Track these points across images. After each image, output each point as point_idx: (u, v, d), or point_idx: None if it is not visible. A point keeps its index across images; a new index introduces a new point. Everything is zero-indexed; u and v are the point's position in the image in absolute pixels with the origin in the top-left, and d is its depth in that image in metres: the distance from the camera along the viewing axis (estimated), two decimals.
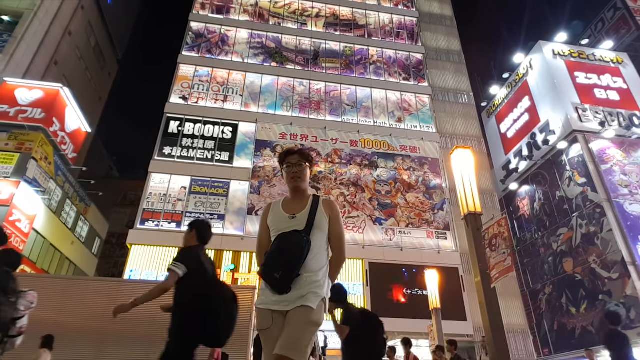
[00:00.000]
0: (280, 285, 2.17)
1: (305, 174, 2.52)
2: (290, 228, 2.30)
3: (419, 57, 24.76)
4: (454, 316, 16.09)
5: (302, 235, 2.25)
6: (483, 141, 23.67)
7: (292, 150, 2.58)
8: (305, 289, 2.18)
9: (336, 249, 2.43)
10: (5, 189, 15.33)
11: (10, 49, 18.34)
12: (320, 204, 2.44)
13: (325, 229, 2.39)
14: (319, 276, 2.25)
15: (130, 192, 32.50)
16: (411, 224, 18.99)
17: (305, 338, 2.11)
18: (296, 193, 2.52)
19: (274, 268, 2.19)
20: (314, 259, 2.25)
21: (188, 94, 20.67)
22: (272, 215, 2.46)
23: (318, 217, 2.37)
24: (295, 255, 2.19)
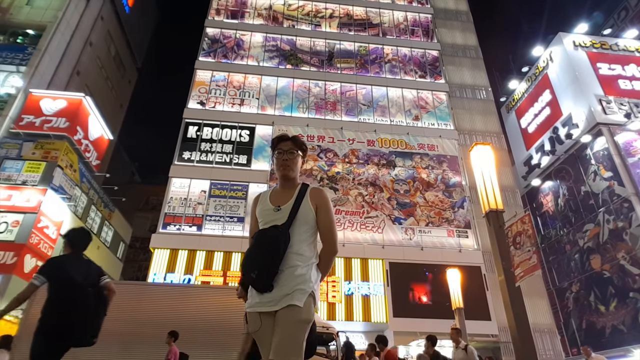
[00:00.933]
0: (259, 284, 2.11)
1: (296, 162, 2.39)
2: (273, 222, 2.21)
3: (434, 54, 24.48)
4: (478, 316, 15.82)
5: (280, 229, 2.16)
6: (503, 137, 23.21)
7: (285, 137, 2.44)
8: (289, 285, 2.09)
9: (325, 240, 2.30)
10: (33, 196, 15.85)
11: (34, 61, 18.96)
12: (308, 193, 2.31)
13: (311, 221, 2.26)
14: (302, 270, 2.15)
15: (152, 197, 33.14)
16: (431, 223, 18.76)
17: (298, 338, 2.05)
18: (285, 182, 2.38)
19: (250, 268, 2.13)
20: (295, 253, 2.15)
21: (205, 99, 20.97)
22: (260, 206, 2.35)
23: (303, 208, 2.25)
24: (270, 252, 2.10)
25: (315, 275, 2.22)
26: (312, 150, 19.92)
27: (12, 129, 17.33)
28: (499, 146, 21.87)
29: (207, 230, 17.53)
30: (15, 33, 20.47)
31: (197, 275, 16.43)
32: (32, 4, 21.06)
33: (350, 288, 16.82)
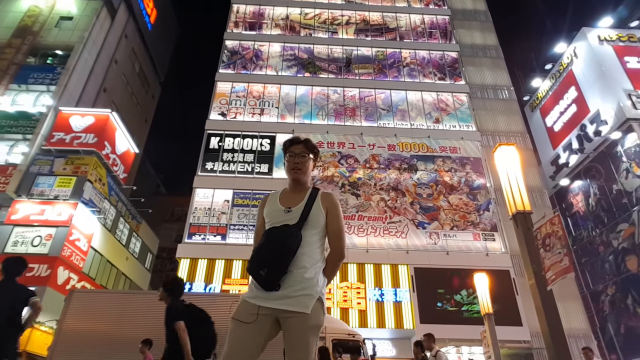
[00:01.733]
0: (267, 282, 2.08)
1: (307, 166, 2.37)
2: (283, 222, 2.19)
3: (453, 55, 24.21)
4: (508, 321, 15.36)
5: (292, 229, 2.15)
6: (528, 137, 22.65)
7: (297, 140, 2.41)
8: (296, 287, 2.08)
9: (333, 245, 2.29)
10: (64, 210, 16.45)
11: (63, 81, 19.77)
12: (319, 197, 2.31)
13: (321, 224, 2.25)
14: (311, 273, 2.13)
15: (177, 207, 33.83)
16: (456, 227, 18.42)
17: (310, 345, 2.04)
18: (296, 185, 2.37)
19: (260, 265, 2.09)
20: (305, 254, 2.14)
21: (226, 110, 21.34)
22: (269, 206, 2.33)
23: (314, 211, 2.24)
24: (282, 251, 2.09)
25: (322, 279, 2.21)
26: (332, 157, 19.95)
27: (44, 146, 18.09)
28: (524, 146, 21.35)
29: (231, 239, 17.73)
30: (45, 54, 21.45)
31: (222, 284, 16.60)
32: (60, 25, 22.04)
33: (376, 294, 16.65)
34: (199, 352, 4.09)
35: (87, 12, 22.49)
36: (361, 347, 10.36)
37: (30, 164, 17.40)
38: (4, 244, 15.49)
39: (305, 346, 2.03)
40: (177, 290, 4.45)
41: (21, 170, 17.09)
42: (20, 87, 19.68)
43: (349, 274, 17.07)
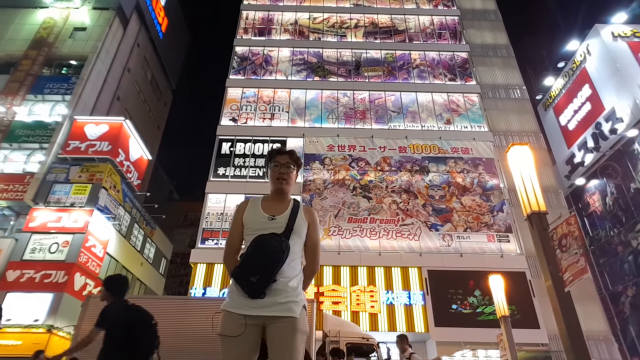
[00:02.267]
0: (256, 289, 2.07)
1: (291, 176, 2.41)
2: (268, 230, 2.18)
3: (463, 55, 24.05)
4: (526, 324, 15.11)
5: (282, 239, 2.16)
6: (541, 136, 22.32)
7: (282, 150, 2.45)
8: (281, 295, 2.09)
9: (311, 257, 2.34)
10: (80, 217, 16.73)
11: (78, 90, 20.18)
12: (301, 209, 2.35)
13: (304, 235, 2.30)
14: (294, 283, 2.17)
15: (190, 213, 34.15)
16: (469, 228, 18.22)
17: (300, 349, 2.06)
18: (278, 195, 2.39)
19: (251, 271, 2.08)
20: (291, 264, 2.17)
21: (237, 115, 21.51)
22: (249, 213, 2.32)
23: (298, 222, 2.27)
24: (274, 259, 2.09)
25: (302, 291, 2.25)
26: (343, 160, 19.94)
27: (60, 154, 18.45)
28: (537, 146, 21.05)
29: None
30: (60, 65, 21.93)
31: None
32: (74, 36, 22.53)
33: (389, 297, 16.54)
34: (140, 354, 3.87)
35: (100, 23, 22.95)
36: (376, 350, 10.29)
37: (47, 172, 17.76)
38: (22, 251, 15.81)
39: (294, 349, 2.04)
40: (119, 289, 4.14)
41: (38, 179, 17.45)
42: (36, 97, 20.14)
43: (359, 277, 16.99)
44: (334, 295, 16.53)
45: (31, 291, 14.91)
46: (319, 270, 2.38)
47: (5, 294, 14.76)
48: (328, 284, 16.79)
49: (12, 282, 15.03)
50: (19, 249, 15.87)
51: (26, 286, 14.94)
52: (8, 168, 18.15)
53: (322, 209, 18.56)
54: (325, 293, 16.52)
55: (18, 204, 17.18)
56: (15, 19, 22.78)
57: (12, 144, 18.75)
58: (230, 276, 2.19)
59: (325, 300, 16.31)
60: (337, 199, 18.87)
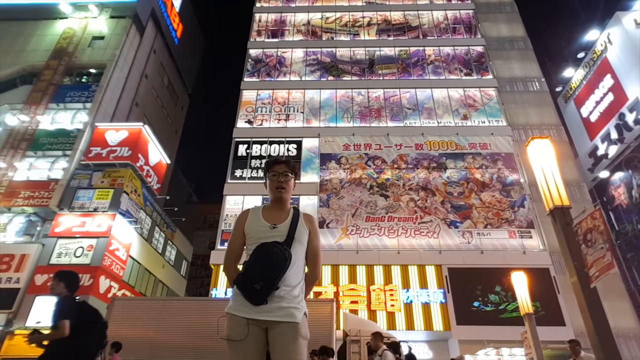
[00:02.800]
0: (259, 296, 2.11)
1: (290, 185, 2.45)
2: (270, 238, 2.23)
3: (479, 49, 23.67)
4: (550, 321, 14.78)
5: (284, 247, 2.20)
6: (562, 129, 21.79)
7: (279, 160, 2.49)
8: (283, 302, 2.14)
9: (312, 264, 2.38)
10: (104, 222, 17.14)
11: (98, 97, 20.69)
12: (301, 217, 2.39)
13: (305, 243, 2.34)
14: (297, 291, 2.21)
15: (209, 215, 34.59)
16: (490, 225, 17.93)
17: (303, 354, 2.10)
18: (278, 203, 2.44)
19: (255, 279, 2.12)
20: (293, 272, 2.21)
21: (253, 118, 21.68)
22: (251, 222, 2.36)
23: (299, 229, 2.31)
24: (278, 267, 2.13)
25: (303, 299, 2.28)
26: (359, 159, 19.87)
27: (83, 161, 18.95)
28: (558, 139, 20.57)
29: None
30: (80, 73, 22.52)
31: None
32: (93, 45, 23.10)
33: (409, 296, 16.41)
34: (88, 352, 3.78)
35: (117, 31, 23.48)
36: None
37: (70, 179, 18.25)
38: (49, 256, 16.30)
39: (296, 354, 2.08)
40: (74, 284, 4.00)
41: (62, 185, 17.95)
42: (58, 106, 20.74)
43: (375, 275, 16.91)
44: (353, 294, 16.50)
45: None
46: (321, 276, 2.38)
47: (34, 297, 15.24)
48: (345, 283, 16.76)
49: (40, 286, 15.51)
50: (45, 254, 16.37)
51: None
52: (33, 175, 18.74)
53: (340, 208, 18.55)
54: (344, 292, 16.51)
55: (44, 210, 17.72)
56: (37, 30, 23.50)
57: (36, 152, 19.36)
58: (232, 284, 2.23)
59: (343, 300, 16.29)
60: (354, 198, 18.82)
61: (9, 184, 18.05)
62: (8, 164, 18.62)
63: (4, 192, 17.79)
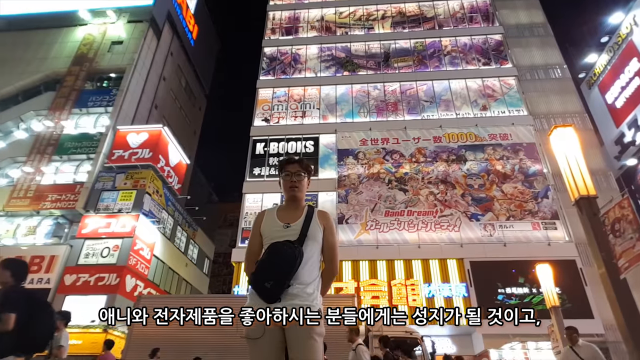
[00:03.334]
0: (270, 295, 2.15)
1: (303, 184, 2.49)
2: (283, 237, 2.26)
3: (497, 38, 23.13)
4: (578, 314, 14.42)
5: (295, 245, 2.22)
6: (586, 116, 21.14)
7: (292, 159, 2.53)
8: (297, 300, 2.16)
9: (329, 260, 2.39)
10: (128, 222, 17.57)
11: (119, 101, 21.16)
12: (315, 214, 2.41)
13: (319, 240, 2.34)
14: (311, 288, 2.22)
15: (229, 214, 35.04)
16: (512, 217, 17.58)
17: (317, 350, 2.12)
18: (292, 202, 2.47)
19: (265, 277, 2.16)
20: (305, 270, 2.22)
21: (269, 116, 21.79)
22: (266, 223, 2.40)
23: (312, 227, 2.33)
24: (287, 265, 2.16)
25: (319, 296, 2.29)
26: (377, 154, 19.76)
27: (106, 163, 19.44)
28: (582, 127, 19.97)
29: None
30: (101, 78, 23.08)
31: None
32: (112, 50, 23.62)
33: (431, 290, 16.27)
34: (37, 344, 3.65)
35: (135, 35, 23.92)
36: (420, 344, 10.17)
37: (95, 181, 18.76)
38: (77, 256, 16.82)
39: (311, 350, 2.11)
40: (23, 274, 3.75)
41: (87, 188, 18.47)
42: (81, 111, 21.32)
43: (396, 270, 16.81)
44: (374, 289, 16.46)
45: (87, 294, 15.84)
46: (338, 272, 2.41)
47: (64, 297, 15.77)
48: (366, 278, 16.73)
49: (69, 285, 16.04)
50: (74, 255, 16.90)
51: (82, 289, 15.90)
52: (60, 179, 19.34)
53: (358, 203, 18.50)
54: (365, 288, 16.49)
55: (71, 212, 18.29)
56: (58, 38, 24.18)
57: (62, 156, 19.97)
58: (248, 282, 2.29)
59: (365, 295, 16.28)
60: (372, 193, 18.73)
61: (37, 188, 18.69)
62: (35, 168, 19.26)
63: (33, 196, 18.43)
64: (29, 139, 20.56)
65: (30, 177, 19.04)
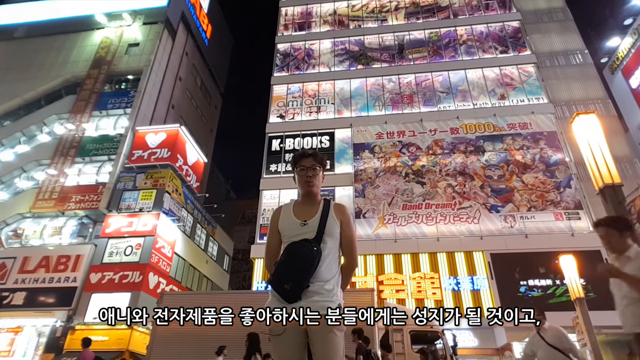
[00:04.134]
0: (290, 296, 2.15)
1: (318, 178, 2.44)
2: (301, 235, 2.25)
3: (515, 25, 22.57)
4: (604, 305, 13.97)
5: (312, 244, 2.20)
6: (609, 102, 20.51)
7: (306, 153, 2.47)
8: (316, 297, 2.16)
9: (347, 254, 2.37)
10: (149, 221, 17.91)
11: (137, 103, 21.52)
12: (332, 208, 2.37)
13: (337, 235, 2.32)
14: (331, 285, 2.22)
15: (247, 210, 35.33)
16: (533, 207, 17.22)
17: (338, 345, 2.13)
18: (308, 197, 2.43)
19: (284, 279, 2.16)
20: (325, 267, 2.22)
21: (284, 112, 21.85)
22: (283, 220, 2.38)
23: (329, 223, 2.30)
24: (306, 266, 2.15)
25: (340, 291, 2.29)
26: (393, 147, 19.60)
27: (126, 164, 19.83)
28: (605, 113, 19.40)
29: None
30: (119, 80, 23.51)
31: None
32: (129, 52, 24.01)
33: (451, 283, 16.12)
34: None
35: (150, 37, 24.26)
36: (441, 337, 10.10)
37: (116, 182, 19.18)
38: (101, 255, 17.27)
39: (332, 345, 2.12)
40: None
41: (109, 188, 18.90)
42: (101, 113, 21.79)
43: (420, 263, 16.70)
44: (393, 283, 16.41)
45: (112, 291, 16.26)
46: (358, 264, 2.39)
47: (90, 294, 16.23)
48: (385, 272, 16.68)
49: (95, 284, 16.49)
50: (98, 254, 17.35)
51: (107, 287, 16.32)
52: (83, 180, 19.84)
53: (375, 197, 18.42)
54: (385, 282, 16.44)
55: (94, 212, 18.75)
56: (77, 42, 24.72)
57: (84, 158, 20.48)
58: (268, 282, 2.29)
59: (385, 289, 16.24)
60: (389, 186, 18.62)
61: (61, 190, 19.23)
62: (59, 170, 19.81)
63: (58, 197, 18.97)
64: (52, 142, 21.14)
65: (54, 179, 19.59)
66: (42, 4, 27.09)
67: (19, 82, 23.32)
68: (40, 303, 16.37)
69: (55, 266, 17.07)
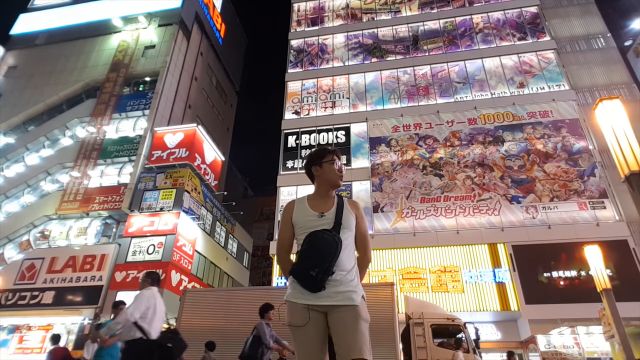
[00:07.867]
0: (316, 283, 2.14)
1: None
2: (318, 226, 2.26)
3: (533, 10, 21.98)
4: (632, 296, 13.65)
5: (333, 232, 2.23)
6: (635, 87, 19.78)
7: (334, 149, 2.55)
8: (340, 286, 2.16)
9: (362, 248, 2.40)
10: (170, 220, 18.26)
11: (154, 104, 21.90)
12: (346, 203, 2.42)
13: (353, 228, 2.35)
14: (352, 275, 2.24)
15: (265, 207, 35.61)
16: (556, 197, 16.81)
17: (366, 335, 2.11)
18: (328, 191, 2.47)
19: (310, 266, 2.15)
20: (345, 256, 2.23)
21: (299, 108, 21.87)
22: (297, 213, 2.39)
23: (345, 215, 2.33)
24: (330, 252, 2.16)
25: (359, 282, 2.29)
26: (409, 140, 19.41)
27: (146, 164, 20.23)
28: (631, 98, 18.74)
29: None
30: (137, 83, 23.95)
31: None
32: (145, 54, 24.42)
33: (472, 276, 15.92)
34: None
35: (166, 38, 24.60)
36: (462, 330, 10.01)
37: (137, 182, 19.60)
38: (125, 254, 17.71)
39: (359, 334, 2.09)
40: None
41: (131, 189, 19.33)
42: (121, 115, 22.25)
43: (440, 256, 16.54)
44: (413, 277, 16.31)
45: (136, 289, 16.62)
46: (371, 259, 2.45)
47: (116, 292, 16.67)
48: (404, 266, 16.59)
49: (120, 282, 16.94)
50: (122, 253, 17.80)
51: (132, 285, 16.72)
52: (105, 181, 20.35)
53: (393, 191, 18.29)
54: (404, 276, 16.36)
55: (117, 212, 19.23)
56: (95, 46, 25.29)
57: (106, 160, 20.99)
58: (288, 274, 2.28)
59: (404, 283, 16.16)
60: (407, 180, 18.46)
61: (85, 191, 19.78)
62: (82, 172, 20.36)
63: (82, 199, 19.51)
64: (74, 145, 21.72)
65: (78, 181, 20.15)
66: (61, 10, 27.79)
67: (42, 88, 24.03)
68: (68, 301, 16.92)
69: (81, 266, 17.60)
